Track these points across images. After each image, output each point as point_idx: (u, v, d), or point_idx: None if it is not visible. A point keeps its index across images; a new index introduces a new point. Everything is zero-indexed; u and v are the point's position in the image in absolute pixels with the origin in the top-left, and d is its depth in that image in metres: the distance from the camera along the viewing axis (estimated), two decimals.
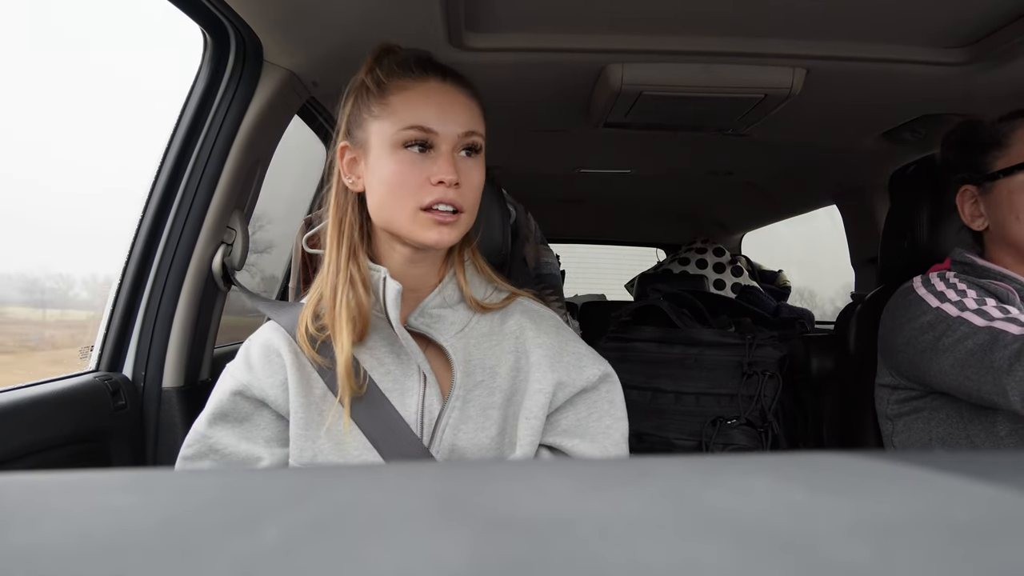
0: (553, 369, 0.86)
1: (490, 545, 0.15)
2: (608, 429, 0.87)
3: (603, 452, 0.86)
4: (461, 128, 0.80)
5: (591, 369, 0.88)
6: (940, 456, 0.22)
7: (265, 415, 0.84)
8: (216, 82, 1.22)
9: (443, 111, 0.80)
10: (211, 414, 0.83)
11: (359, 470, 0.23)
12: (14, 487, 0.20)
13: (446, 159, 0.79)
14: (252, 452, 0.83)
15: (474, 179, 0.82)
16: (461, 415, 0.83)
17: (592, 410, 0.87)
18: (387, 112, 0.81)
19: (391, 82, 0.82)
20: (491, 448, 0.84)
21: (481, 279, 0.91)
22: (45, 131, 1.47)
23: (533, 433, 0.83)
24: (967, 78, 1.28)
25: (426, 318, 0.86)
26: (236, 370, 0.86)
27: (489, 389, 0.85)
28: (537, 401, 0.84)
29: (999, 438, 0.99)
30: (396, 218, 0.80)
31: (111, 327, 1.20)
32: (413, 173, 0.79)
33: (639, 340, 1.73)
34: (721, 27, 1.18)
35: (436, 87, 0.82)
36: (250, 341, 0.89)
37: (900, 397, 1.11)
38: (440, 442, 0.82)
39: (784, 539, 0.15)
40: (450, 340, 0.85)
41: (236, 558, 0.15)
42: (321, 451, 0.81)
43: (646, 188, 2.79)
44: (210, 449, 0.83)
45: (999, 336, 0.89)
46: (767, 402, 1.56)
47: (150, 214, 1.21)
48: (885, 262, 1.35)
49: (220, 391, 0.85)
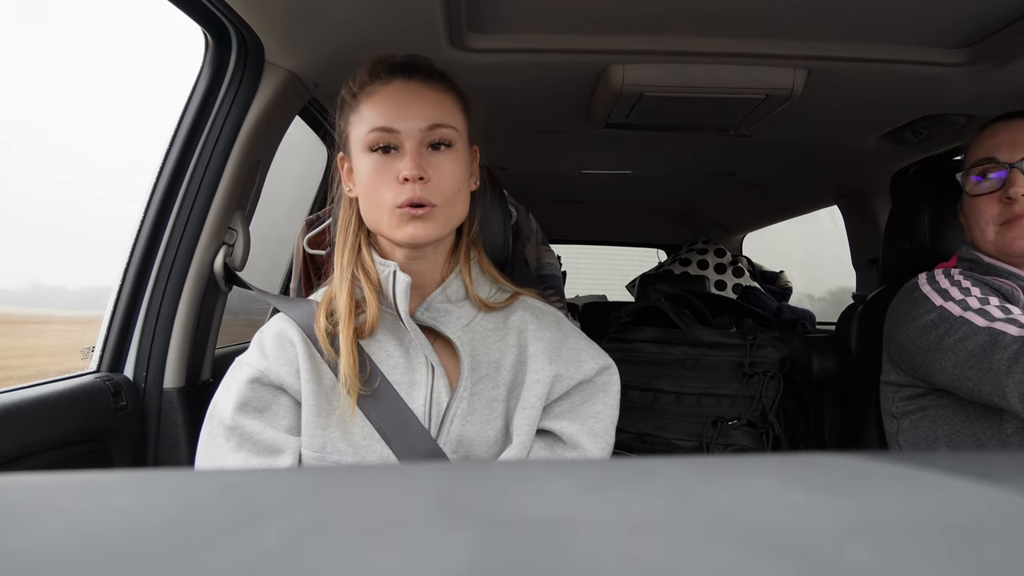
0: (551, 361, 0.87)
1: (491, 545, 0.15)
2: (598, 414, 0.88)
3: (591, 433, 0.87)
4: (424, 122, 0.81)
5: (590, 363, 0.89)
6: (941, 457, 0.22)
7: (283, 402, 0.84)
8: (217, 83, 1.22)
9: (404, 108, 0.81)
10: (235, 405, 0.83)
11: (360, 470, 0.23)
12: (15, 487, 0.20)
13: (410, 156, 0.80)
14: (277, 440, 0.83)
15: (445, 171, 0.81)
16: (468, 407, 0.84)
17: (586, 398, 0.89)
18: (358, 119, 0.83)
19: (362, 91, 0.84)
20: (497, 441, 0.85)
21: (486, 279, 0.92)
22: (43, 131, 1.47)
23: (530, 423, 0.84)
24: (968, 79, 1.28)
25: (432, 312, 0.87)
26: (251, 359, 0.86)
27: (494, 382, 0.86)
28: (535, 391, 0.85)
29: (1005, 436, 0.99)
30: (378, 219, 0.82)
31: (112, 328, 1.20)
32: (382, 173, 0.81)
33: (640, 341, 1.73)
34: (722, 28, 1.18)
35: (399, 87, 0.83)
36: (262, 332, 0.89)
37: (905, 395, 1.11)
38: (448, 433, 0.83)
39: (785, 540, 0.15)
40: (457, 333, 0.86)
41: (237, 559, 0.15)
42: (331, 439, 0.82)
43: (647, 189, 2.79)
44: (244, 439, 0.82)
45: (999, 337, 0.89)
46: (768, 403, 1.55)
47: (151, 215, 1.21)
48: (886, 263, 1.35)
49: (237, 381, 0.84)
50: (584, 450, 0.87)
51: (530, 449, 0.85)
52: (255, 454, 0.82)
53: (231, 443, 0.82)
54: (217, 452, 0.82)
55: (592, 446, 0.87)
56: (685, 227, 3.45)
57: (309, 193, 1.91)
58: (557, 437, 0.87)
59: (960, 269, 1.07)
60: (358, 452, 0.82)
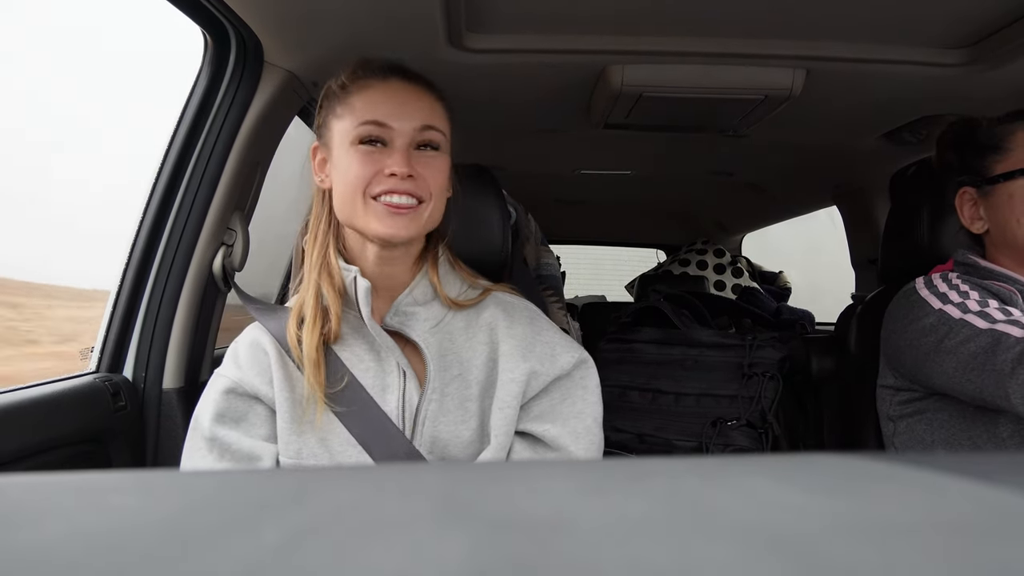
0: (525, 358, 0.86)
1: (490, 546, 0.15)
2: (580, 413, 0.87)
3: (573, 435, 0.86)
4: (417, 123, 0.81)
5: (565, 357, 0.88)
6: (940, 457, 0.22)
7: (259, 412, 0.85)
8: (216, 83, 1.22)
9: (400, 106, 0.81)
10: (211, 417, 0.84)
11: (359, 471, 0.23)
12: (15, 488, 0.20)
13: (401, 153, 0.80)
14: (255, 448, 0.83)
15: (431, 171, 0.82)
16: (439, 407, 0.84)
17: (566, 396, 0.88)
18: (347, 111, 0.83)
19: (354, 84, 0.84)
20: (473, 441, 0.84)
21: (456, 276, 0.92)
22: (43, 133, 1.47)
23: (507, 423, 0.83)
24: (967, 79, 1.28)
25: (400, 316, 0.87)
26: (226, 370, 0.87)
27: (465, 382, 0.85)
28: (510, 391, 0.84)
29: (1001, 439, 0.99)
30: (353, 212, 0.82)
31: (111, 328, 1.20)
32: (367, 166, 0.80)
33: (639, 341, 1.73)
34: (721, 28, 1.18)
35: (397, 85, 0.83)
36: (236, 342, 0.90)
37: (903, 399, 1.11)
38: (421, 435, 0.83)
39: (784, 540, 0.15)
40: (423, 335, 0.86)
41: (236, 559, 0.15)
42: (307, 445, 0.82)
43: (646, 189, 2.78)
44: (224, 449, 0.83)
45: (1001, 339, 0.89)
46: (767, 403, 1.56)
47: (150, 215, 1.21)
48: (885, 263, 1.35)
49: (214, 392, 0.85)
50: (568, 452, 0.85)
51: (509, 449, 0.84)
52: (235, 463, 0.82)
53: (213, 454, 0.83)
54: (201, 463, 0.83)
55: (576, 447, 0.85)
56: (684, 227, 3.45)
57: (309, 193, 1.90)
58: (539, 439, 0.86)
59: (957, 273, 1.07)
60: (335, 457, 0.82)
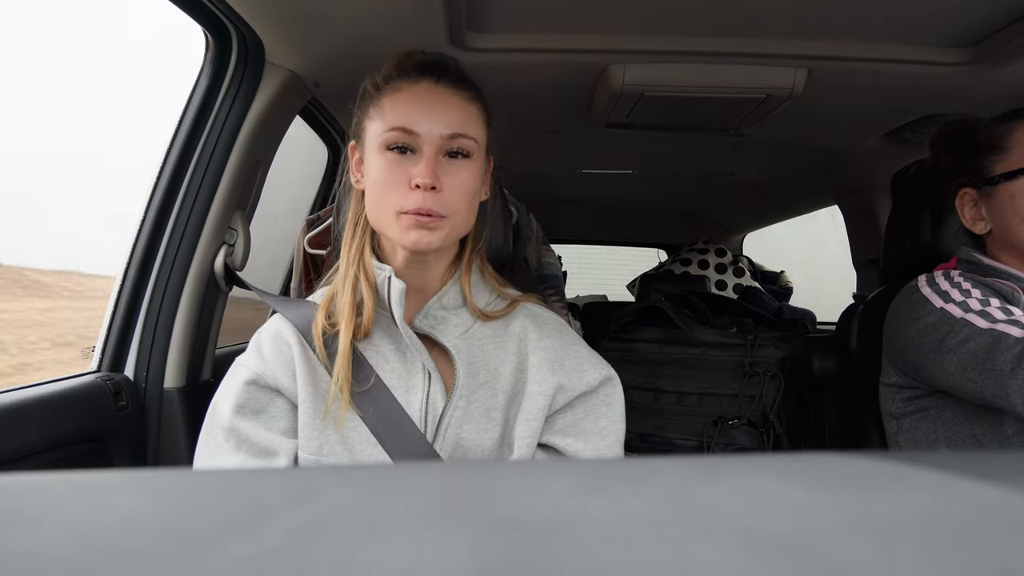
0: (554, 372, 0.86)
1: (491, 545, 0.15)
2: (603, 431, 0.87)
3: (595, 453, 0.86)
4: (446, 130, 0.79)
5: (592, 373, 0.88)
6: (942, 456, 0.22)
7: (279, 405, 0.84)
8: (218, 83, 1.22)
9: (429, 112, 0.80)
10: (232, 407, 0.83)
11: (360, 470, 0.23)
12: (16, 487, 0.20)
13: (427, 162, 0.78)
14: (272, 442, 0.83)
15: (458, 183, 0.80)
16: (464, 415, 0.83)
17: (589, 412, 0.87)
18: (379, 114, 0.82)
19: (388, 85, 0.83)
20: (493, 450, 0.84)
21: (485, 286, 0.91)
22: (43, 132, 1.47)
23: (531, 435, 0.83)
24: (969, 79, 1.28)
25: (430, 320, 0.86)
26: (248, 360, 0.86)
27: (493, 391, 0.85)
28: (536, 403, 0.84)
29: (1006, 437, 0.99)
30: (382, 219, 0.81)
31: (113, 327, 1.20)
32: (395, 174, 0.79)
33: (641, 341, 1.73)
34: (723, 28, 1.18)
35: (427, 88, 0.81)
36: (260, 333, 0.89)
37: (906, 396, 1.10)
38: (444, 439, 0.82)
39: (786, 540, 0.15)
40: (453, 341, 0.85)
41: (238, 558, 0.15)
42: (328, 441, 0.81)
43: (648, 188, 2.78)
44: (241, 440, 0.82)
45: (1001, 339, 0.89)
46: (769, 402, 1.56)
47: (152, 214, 1.21)
48: (887, 263, 1.35)
49: (234, 383, 0.84)
50: None
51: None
52: (252, 456, 0.82)
53: (230, 444, 0.82)
54: (217, 451, 0.82)
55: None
56: (685, 227, 3.45)
57: (309, 193, 1.91)
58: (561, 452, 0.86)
59: (960, 271, 1.07)
60: (355, 455, 0.81)
